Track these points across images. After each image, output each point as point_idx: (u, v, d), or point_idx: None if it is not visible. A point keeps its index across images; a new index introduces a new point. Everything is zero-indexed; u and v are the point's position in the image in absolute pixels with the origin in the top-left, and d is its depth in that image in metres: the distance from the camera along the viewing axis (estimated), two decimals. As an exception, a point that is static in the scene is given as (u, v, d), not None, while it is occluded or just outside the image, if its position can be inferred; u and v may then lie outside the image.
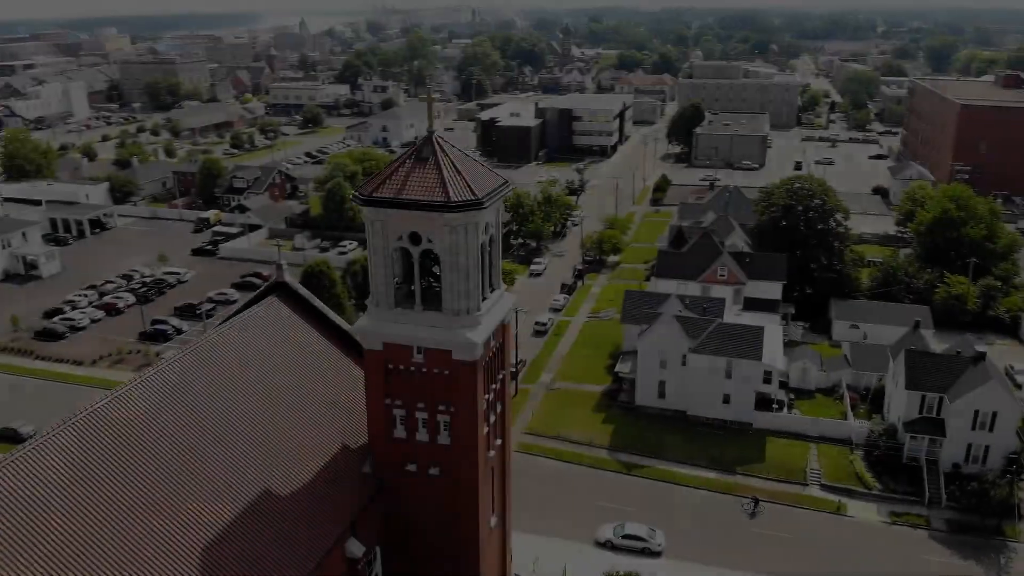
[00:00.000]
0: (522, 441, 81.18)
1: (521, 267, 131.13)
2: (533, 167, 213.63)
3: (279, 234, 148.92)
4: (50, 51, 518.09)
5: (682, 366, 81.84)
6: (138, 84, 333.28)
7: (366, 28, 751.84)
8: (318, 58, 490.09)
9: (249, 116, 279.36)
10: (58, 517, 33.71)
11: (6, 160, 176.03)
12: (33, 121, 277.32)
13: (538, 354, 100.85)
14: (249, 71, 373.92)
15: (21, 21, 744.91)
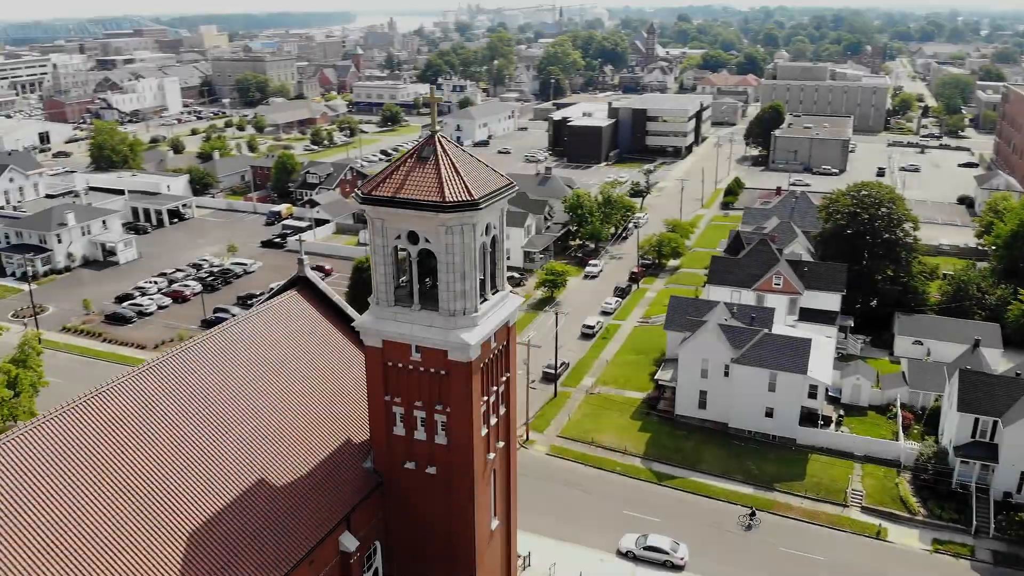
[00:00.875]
0: (555, 445, 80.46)
1: (574, 268, 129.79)
2: (603, 167, 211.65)
3: (345, 229, 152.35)
4: (152, 47, 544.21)
5: (724, 377, 79.35)
6: (229, 80, 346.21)
7: (454, 27, 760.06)
8: (404, 57, 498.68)
9: (331, 113, 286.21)
10: (51, 497, 35.04)
11: (94, 151, 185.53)
12: (129, 114, 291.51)
13: (583, 357, 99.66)
14: (336, 69, 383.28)
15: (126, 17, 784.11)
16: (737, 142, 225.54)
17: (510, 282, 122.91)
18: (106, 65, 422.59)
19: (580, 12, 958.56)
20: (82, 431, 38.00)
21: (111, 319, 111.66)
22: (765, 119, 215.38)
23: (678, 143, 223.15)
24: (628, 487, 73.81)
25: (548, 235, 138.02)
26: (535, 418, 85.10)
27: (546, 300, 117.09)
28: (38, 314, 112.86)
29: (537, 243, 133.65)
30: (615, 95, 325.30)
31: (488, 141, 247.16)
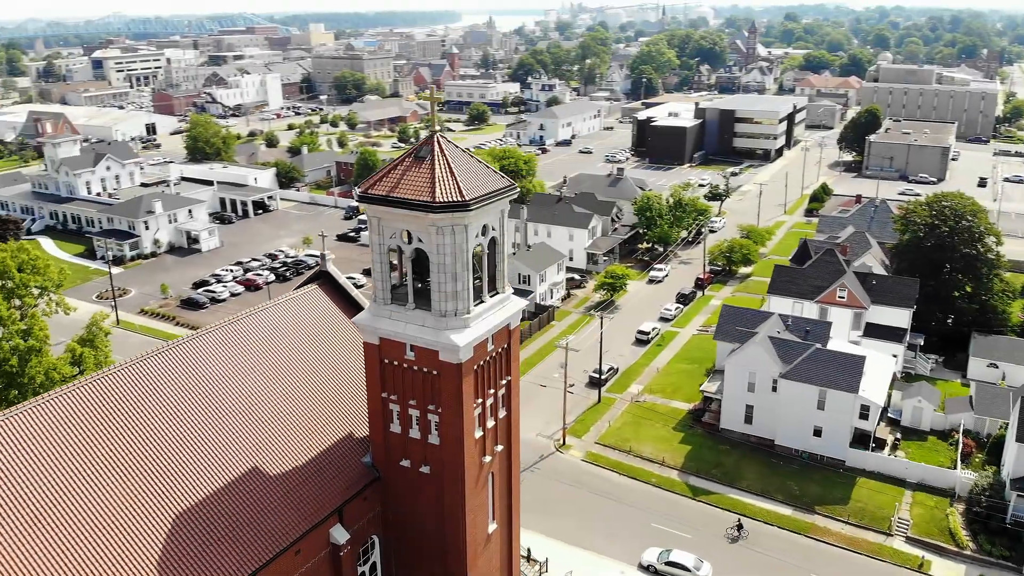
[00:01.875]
0: (592, 451, 79.16)
1: (633, 272, 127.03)
2: (685, 169, 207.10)
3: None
4: (261, 44, 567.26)
5: (772, 391, 76.12)
6: (328, 78, 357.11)
7: (554, 27, 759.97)
8: (502, 56, 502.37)
9: (421, 112, 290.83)
10: (47, 472, 36.79)
11: (190, 143, 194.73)
12: (232, 108, 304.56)
13: (633, 364, 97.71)
14: (431, 68, 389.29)
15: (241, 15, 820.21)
16: (831, 146, 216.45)
17: (570, 283, 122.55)
18: (217, 61, 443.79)
19: (684, 10, 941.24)
20: (83, 410, 39.70)
21: (186, 304, 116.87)
22: (861, 123, 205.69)
23: (767, 146, 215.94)
24: (661, 500, 71.83)
25: (614, 237, 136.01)
26: (575, 423, 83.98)
27: (604, 303, 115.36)
28: (120, 296, 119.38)
29: (601, 245, 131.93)
30: (710, 95, 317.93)
31: (571, 141, 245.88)
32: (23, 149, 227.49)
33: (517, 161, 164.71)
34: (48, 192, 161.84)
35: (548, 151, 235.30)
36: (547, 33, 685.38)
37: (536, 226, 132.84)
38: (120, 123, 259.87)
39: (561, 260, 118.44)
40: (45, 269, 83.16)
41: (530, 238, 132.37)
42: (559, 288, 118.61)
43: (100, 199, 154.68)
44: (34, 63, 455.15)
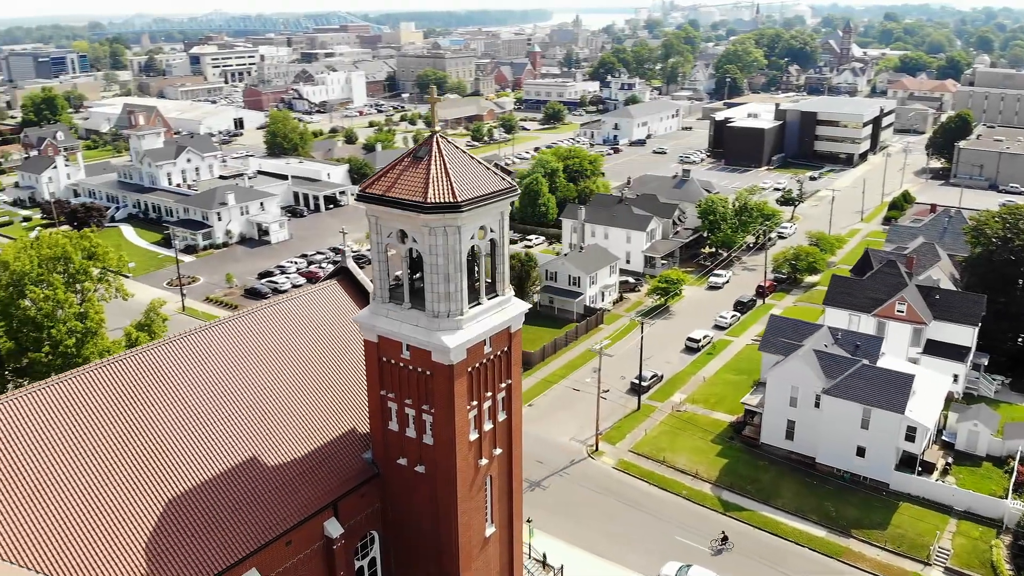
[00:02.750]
0: (624, 459, 77.76)
1: (690, 277, 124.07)
2: (763, 172, 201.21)
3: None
4: (353, 42, 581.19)
5: (815, 407, 73.05)
6: (411, 76, 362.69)
7: (644, 25, 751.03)
8: (586, 55, 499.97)
9: (498, 111, 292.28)
10: (51, 453, 38.50)
11: (269, 138, 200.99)
12: (317, 105, 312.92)
13: (679, 372, 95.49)
14: (512, 67, 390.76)
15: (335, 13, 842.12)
16: (919, 152, 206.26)
17: (624, 286, 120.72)
18: (308, 58, 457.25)
19: (781, 9, 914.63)
20: (92, 392, 41.30)
21: (249, 293, 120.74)
22: (951, 129, 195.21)
23: (850, 150, 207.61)
24: (689, 513, 69.93)
25: (674, 240, 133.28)
26: (610, 430, 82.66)
27: (658, 308, 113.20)
28: (189, 284, 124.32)
29: (660, 248, 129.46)
30: (798, 96, 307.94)
31: (645, 141, 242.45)
32: (116, 140, 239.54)
33: (582, 161, 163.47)
34: (132, 182, 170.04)
35: (621, 151, 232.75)
36: (636, 31, 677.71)
37: (593, 227, 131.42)
38: (209, 117, 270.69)
39: (614, 262, 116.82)
40: (104, 256, 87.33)
41: (587, 239, 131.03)
42: (611, 291, 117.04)
43: (179, 190, 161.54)
44: (136, 58, 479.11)
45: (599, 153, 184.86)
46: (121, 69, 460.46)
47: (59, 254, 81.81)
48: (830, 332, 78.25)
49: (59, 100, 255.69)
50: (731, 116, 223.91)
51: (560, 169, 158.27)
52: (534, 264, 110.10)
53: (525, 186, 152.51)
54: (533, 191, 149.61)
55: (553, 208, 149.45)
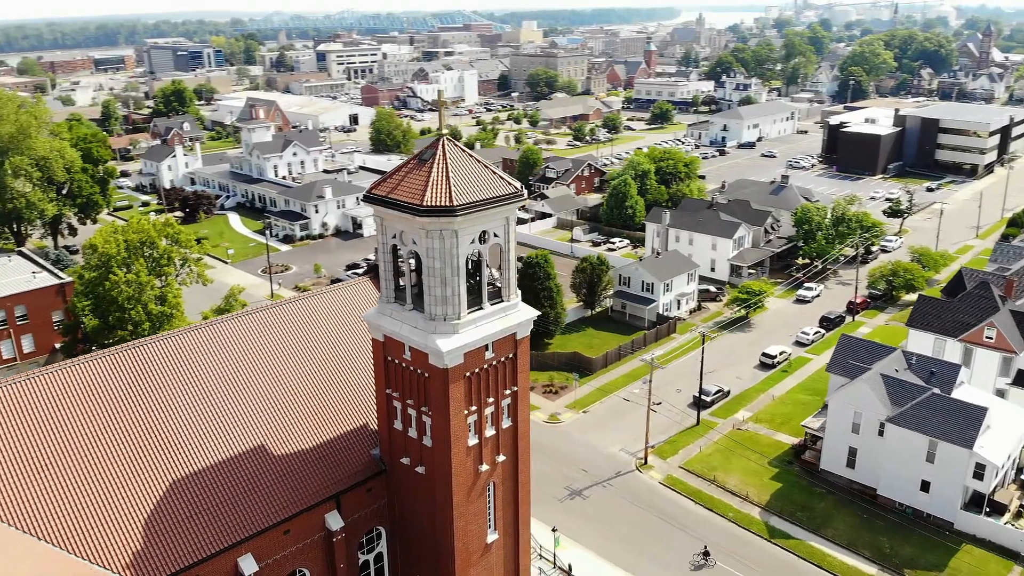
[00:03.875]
0: (673, 475, 75.26)
1: (772, 287, 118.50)
2: (876, 180, 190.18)
3: (564, 224, 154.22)
4: (474, 41, 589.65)
5: (879, 436, 68.36)
6: (524, 75, 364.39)
7: (773, 24, 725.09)
8: (707, 54, 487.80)
9: (605, 110, 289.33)
10: (68, 431, 41.07)
11: (373, 135, 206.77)
12: (429, 103, 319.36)
13: (748, 388, 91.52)
14: (626, 66, 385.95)
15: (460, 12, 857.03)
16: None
17: (704, 295, 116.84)
18: (429, 57, 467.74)
19: (923, 9, 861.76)
20: (114, 375, 43.76)
21: (334, 283, 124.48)
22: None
23: (974, 160, 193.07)
24: (731, 536, 66.92)
25: (764, 250, 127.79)
26: (664, 444, 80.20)
27: (737, 320, 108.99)
28: (281, 272, 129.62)
29: (747, 257, 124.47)
30: (927, 101, 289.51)
31: (755, 143, 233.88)
32: (237, 132, 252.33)
33: (676, 163, 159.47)
34: (242, 172, 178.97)
35: (727, 153, 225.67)
36: (763, 30, 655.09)
37: (678, 232, 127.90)
38: (326, 113, 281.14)
39: (692, 270, 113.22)
40: (187, 243, 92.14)
41: (671, 244, 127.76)
42: (689, 299, 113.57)
43: (283, 182, 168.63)
44: (268, 54, 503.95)
45: (696, 155, 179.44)
46: (253, 64, 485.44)
47: (144, 239, 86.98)
48: (904, 356, 72.92)
49: (188, 92, 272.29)
50: (847, 121, 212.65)
51: (652, 171, 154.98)
52: (606, 268, 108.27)
53: (613, 187, 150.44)
54: (621, 193, 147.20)
55: (641, 211, 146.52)
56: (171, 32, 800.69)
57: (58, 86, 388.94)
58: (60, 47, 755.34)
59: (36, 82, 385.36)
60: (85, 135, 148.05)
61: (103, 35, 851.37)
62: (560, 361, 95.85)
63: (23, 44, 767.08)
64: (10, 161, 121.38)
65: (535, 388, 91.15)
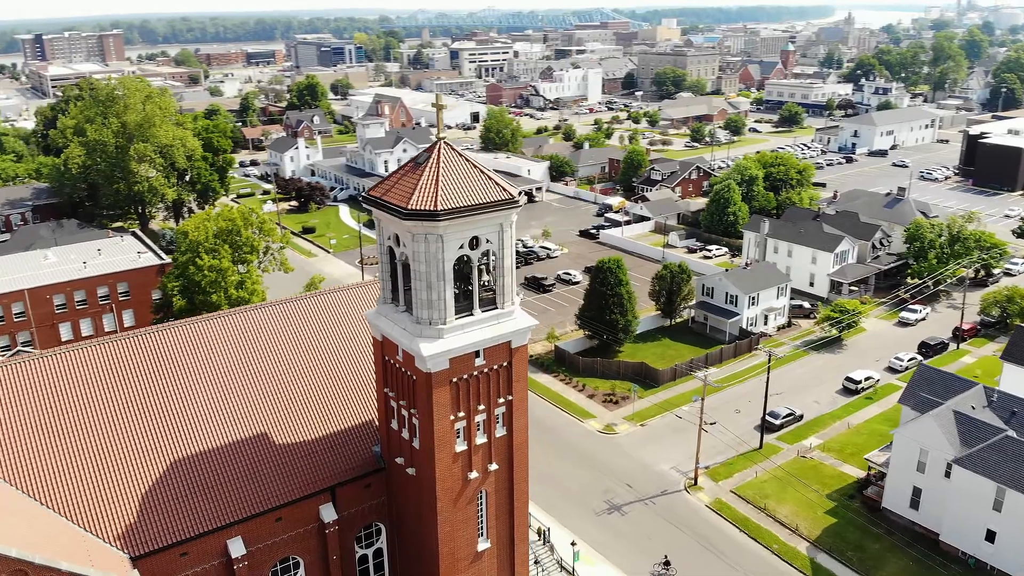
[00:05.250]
0: (722, 499, 71.94)
1: (869, 308, 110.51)
2: (1015, 197, 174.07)
3: (662, 229, 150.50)
4: (609, 39, 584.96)
5: (945, 477, 62.64)
6: (651, 74, 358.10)
7: (931, 25, 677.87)
8: (854, 54, 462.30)
9: (732, 111, 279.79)
10: (88, 405, 44.04)
11: (483, 132, 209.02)
12: (551, 102, 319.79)
13: (825, 414, 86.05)
14: (761, 66, 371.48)
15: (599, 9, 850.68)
16: None
17: (796, 311, 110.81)
18: (561, 55, 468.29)
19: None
20: (126, 357, 46.48)
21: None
22: None
23: None
24: (772, 570, 63.25)
25: (869, 266, 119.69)
26: (719, 465, 76.73)
27: (831, 340, 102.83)
28: (374, 264, 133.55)
29: (850, 273, 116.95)
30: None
31: (887, 151, 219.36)
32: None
33: (788, 169, 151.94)
34: (356, 166, 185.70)
35: (855, 160, 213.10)
36: (920, 32, 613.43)
37: (777, 243, 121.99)
38: (449, 110, 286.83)
39: (784, 283, 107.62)
40: (271, 232, 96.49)
41: (769, 255, 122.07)
42: (778, 315, 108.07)
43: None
44: (407, 51, 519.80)
45: (810, 162, 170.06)
46: (392, 61, 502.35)
47: (230, 228, 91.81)
48: (984, 392, 66.35)
49: (321, 87, 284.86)
50: (988, 131, 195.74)
51: (760, 177, 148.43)
52: (687, 276, 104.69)
53: (715, 192, 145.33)
54: (723, 198, 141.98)
55: (744, 218, 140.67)
56: (323, 28, 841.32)
57: (210, 77, 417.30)
58: (220, 40, 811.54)
59: (191, 73, 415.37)
60: (207, 125, 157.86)
61: (261, 30, 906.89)
62: (625, 371, 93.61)
63: (187, 36, 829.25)
64: (135, 147, 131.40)
65: (595, 396, 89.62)
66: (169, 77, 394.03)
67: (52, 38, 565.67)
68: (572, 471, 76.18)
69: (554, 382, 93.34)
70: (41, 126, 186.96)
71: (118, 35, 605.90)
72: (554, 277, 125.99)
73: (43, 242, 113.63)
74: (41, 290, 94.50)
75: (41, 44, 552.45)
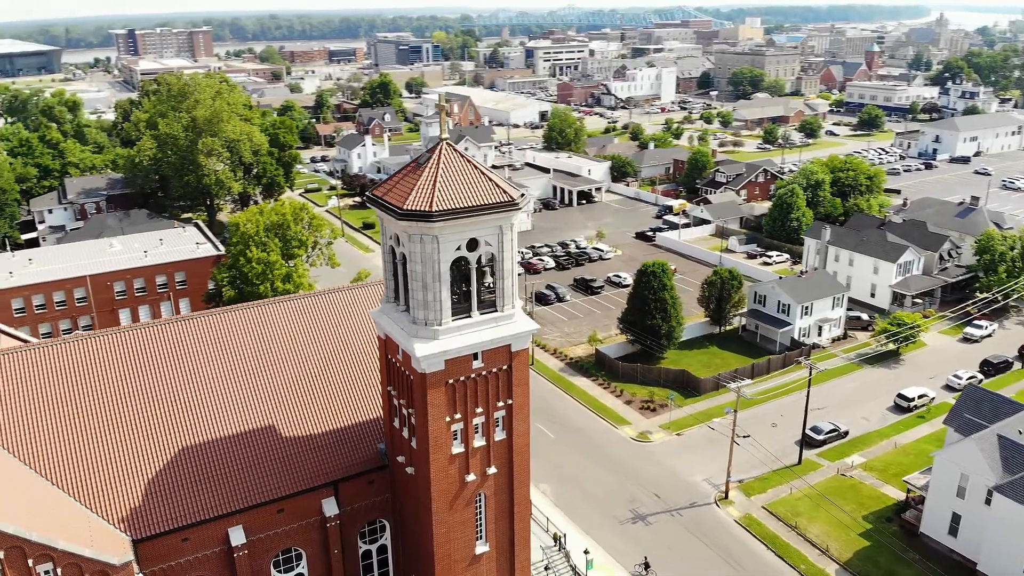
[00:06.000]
0: (752, 514, 69.85)
1: (930, 322, 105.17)
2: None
3: (722, 233, 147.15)
4: (690, 38, 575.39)
5: (985, 504, 59.25)
6: (727, 73, 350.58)
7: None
8: (944, 57, 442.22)
9: (809, 113, 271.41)
10: (101, 394, 45.84)
11: (547, 132, 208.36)
12: (622, 101, 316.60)
13: (871, 431, 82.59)
14: (844, 67, 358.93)
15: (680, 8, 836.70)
16: None
17: (856, 323, 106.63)
18: (638, 53, 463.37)
19: None
20: (143, 346, 48.09)
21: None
22: None
23: None
24: (794, 590, 61.04)
25: (935, 278, 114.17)
26: (754, 480, 74.44)
27: (887, 355, 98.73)
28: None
29: (913, 284, 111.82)
30: None
31: (970, 158, 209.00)
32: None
33: (857, 175, 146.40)
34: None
35: (935, 166, 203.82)
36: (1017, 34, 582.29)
37: (838, 251, 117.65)
38: (517, 109, 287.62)
39: (840, 293, 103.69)
40: (319, 227, 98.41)
41: (830, 264, 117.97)
42: (833, 326, 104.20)
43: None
44: (484, 50, 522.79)
45: (881, 168, 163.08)
46: (469, 60, 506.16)
47: (281, 221, 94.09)
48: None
49: (393, 85, 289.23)
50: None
51: (827, 181, 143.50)
52: (738, 283, 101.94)
53: (778, 197, 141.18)
54: (786, 203, 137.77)
55: (808, 224, 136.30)
56: (405, 26, 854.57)
57: (292, 74, 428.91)
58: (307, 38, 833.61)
59: (273, 69, 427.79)
60: (274, 121, 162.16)
61: (346, 28, 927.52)
62: (666, 378, 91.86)
63: (275, 34, 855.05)
64: (203, 141, 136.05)
65: (632, 403, 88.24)
66: (252, 73, 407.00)
67: (144, 33, 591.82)
68: (599, 477, 75.21)
69: (592, 386, 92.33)
70: (120, 118, 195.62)
71: (207, 32, 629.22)
72: (604, 279, 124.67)
73: (111, 231, 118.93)
74: (102, 277, 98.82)
75: (134, 39, 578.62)
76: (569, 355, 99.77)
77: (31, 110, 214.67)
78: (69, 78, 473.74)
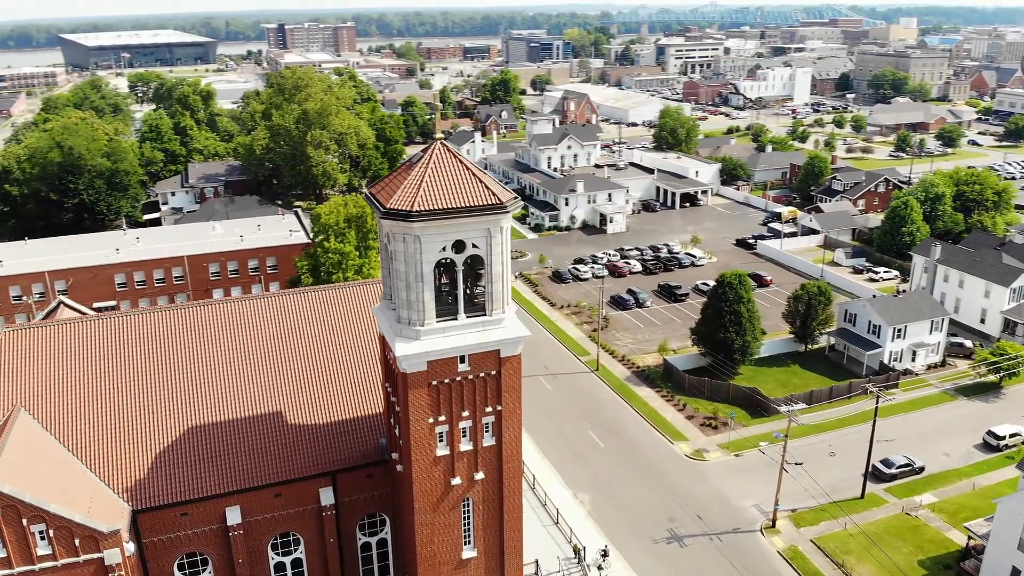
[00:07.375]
0: (797, 547, 65.76)
1: None
2: None
3: (831, 244, 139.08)
4: (836, 38, 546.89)
5: (1054, 563, 53.15)
6: (868, 75, 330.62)
7: None
8: None
9: (952, 120, 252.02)
10: (117, 372, 48.84)
11: (657, 131, 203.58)
12: (752, 101, 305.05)
13: (951, 469, 75.76)
14: (998, 72, 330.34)
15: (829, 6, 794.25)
16: None
17: (958, 350, 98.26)
18: (778, 52, 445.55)
19: None
20: (160, 327, 50.79)
21: (554, 276, 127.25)
22: None
23: None
24: (827, 633, 56.94)
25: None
26: (809, 510, 69.89)
27: (986, 387, 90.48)
28: (515, 259, 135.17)
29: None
30: None
31: None
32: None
33: (984, 189, 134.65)
34: (523, 161, 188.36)
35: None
36: None
37: (948, 271, 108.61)
38: (637, 107, 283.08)
39: (940, 317, 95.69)
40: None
41: (938, 284, 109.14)
42: (930, 352, 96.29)
43: (549, 172, 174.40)
44: (616, 47, 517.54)
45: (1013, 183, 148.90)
46: (599, 57, 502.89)
47: (359, 214, 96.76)
48: None
49: (514, 82, 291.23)
50: None
51: (949, 195, 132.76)
52: (827, 299, 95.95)
53: (891, 209, 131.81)
54: (899, 216, 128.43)
55: (922, 239, 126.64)
56: (544, 23, 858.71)
57: (425, 69, 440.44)
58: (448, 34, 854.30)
59: (408, 65, 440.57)
60: (383, 116, 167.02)
61: (486, 24, 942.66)
62: (735, 394, 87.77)
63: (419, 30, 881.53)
64: (312, 133, 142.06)
65: (694, 418, 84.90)
66: (388, 69, 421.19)
67: (293, 28, 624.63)
68: (641, 492, 72.86)
69: (654, 397, 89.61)
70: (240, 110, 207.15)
71: (351, 27, 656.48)
72: (691, 286, 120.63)
73: (218, 215, 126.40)
74: (199, 257, 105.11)
75: (283, 33, 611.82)
76: (637, 363, 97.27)
77: (175, 98, 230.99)
78: (222, 68, 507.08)
